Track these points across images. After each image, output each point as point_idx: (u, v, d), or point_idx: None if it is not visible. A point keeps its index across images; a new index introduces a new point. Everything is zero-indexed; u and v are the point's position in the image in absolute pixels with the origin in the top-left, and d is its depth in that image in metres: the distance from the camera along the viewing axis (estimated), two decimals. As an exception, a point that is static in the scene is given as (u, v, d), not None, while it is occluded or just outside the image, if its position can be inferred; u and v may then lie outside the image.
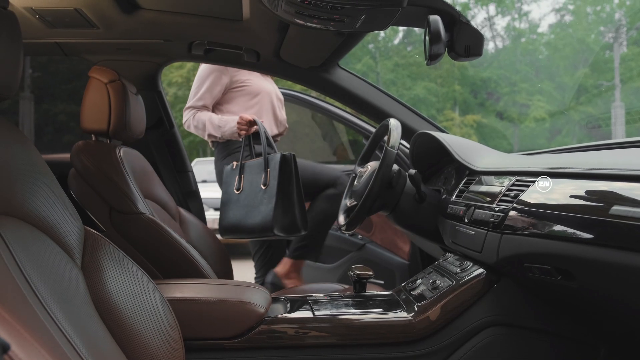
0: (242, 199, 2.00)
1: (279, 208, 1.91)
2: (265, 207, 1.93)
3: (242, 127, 2.10)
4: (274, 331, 1.20)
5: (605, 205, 0.88)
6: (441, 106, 13.42)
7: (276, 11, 1.28)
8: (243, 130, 2.10)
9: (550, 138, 12.14)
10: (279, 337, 1.21)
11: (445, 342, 1.22)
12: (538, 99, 12.92)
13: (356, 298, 1.36)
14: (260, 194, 1.95)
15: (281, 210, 1.92)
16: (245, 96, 2.30)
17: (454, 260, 1.45)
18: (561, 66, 13.67)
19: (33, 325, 0.67)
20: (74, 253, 0.88)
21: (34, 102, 6.56)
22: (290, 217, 1.95)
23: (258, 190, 1.96)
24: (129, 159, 1.60)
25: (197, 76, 2.32)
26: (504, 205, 1.19)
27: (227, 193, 2.04)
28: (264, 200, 1.93)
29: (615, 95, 9.31)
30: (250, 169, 2.01)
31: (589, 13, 14.40)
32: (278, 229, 1.93)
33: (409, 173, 1.62)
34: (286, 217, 1.94)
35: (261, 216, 1.93)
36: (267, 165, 1.96)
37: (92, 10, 1.55)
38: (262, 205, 1.94)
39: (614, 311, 1.03)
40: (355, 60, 12.58)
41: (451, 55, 1.34)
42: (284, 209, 1.93)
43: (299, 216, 1.98)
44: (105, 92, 1.54)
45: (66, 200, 0.92)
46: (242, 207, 1.99)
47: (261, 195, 1.95)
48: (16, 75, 0.85)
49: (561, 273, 1.00)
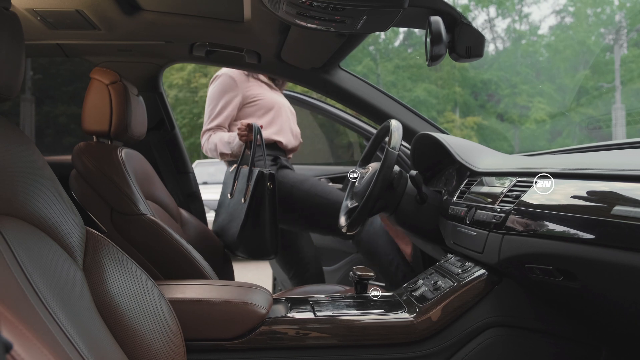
0: (230, 205, 1.95)
1: (248, 227, 1.83)
2: (236, 222, 1.86)
3: (242, 133, 2.01)
4: (275, 332, 1.20)
5: (607, 205, 0.87)
6: (442, 108, 13.42)
7: (277, 12, 1.29)
8: (243, 136, 2.01)
9: (551, 140, 12.14)
10: (281, 338, 1.20)
11: (447, 343, 1.22)
12: (539, 101, 12.92)
13: (357, 299, 1.36)
14: (240, 206, 1.88)
15: (250, 231, 1.84)
16: (260, 110, 2.20)
17: (455, 261, 1.45)
18: (562, 68, 13.67)
19: (35, 325, 0.67)
20: (76, 254, 0.89)
21: (35, 104, 6.57)
22: (259, 239, 1.86)
23: (240, 202, 1.89)
24: (130, 160, 1.60)
25: (209, 97, 2.24)
26: (505, 206, 1.19)
27: (223, 194, 2.02)
28: (242, 214, 1.85)
29: (615, 96, 9.31)
30: (243, 176, 1.93)
31: (589, 15, 14.41)
32: (242, 250, 1.86)
33: (410, 174, 1.62)
34: (254, 239, 1.85)
35: (232, 231, 1.87)
36: (250, 178, 1.87)
37: (93, 12, 1.55)
38: (238, 218, 1.86)
39: (616, 312, 1.02)
40: (356, 62, 12.59)
41: (452, 56, 1.34)
42: (253, 229, 1.84)
43: (269, 239, 1.88)
44: (106, 93, 1.54)
45: (68, 201, 0.92)
46: (228, 214, 1.94)
47: (240, 208, 1.87)
48: (18, 76, 0.85)
49: (563, 274, 1.00)
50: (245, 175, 1.89)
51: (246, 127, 1.99)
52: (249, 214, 1.83)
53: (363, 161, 1.87)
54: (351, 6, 1.18)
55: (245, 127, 1.99)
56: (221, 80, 2.20)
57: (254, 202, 1.84)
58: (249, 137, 1.99)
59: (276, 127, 2.19)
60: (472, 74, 13.50)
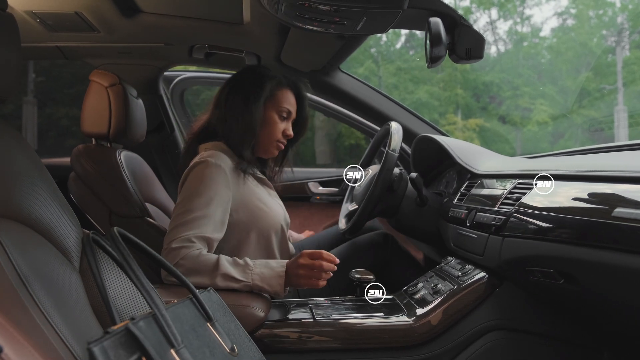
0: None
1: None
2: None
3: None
4: (274, 335, 1.19)
5: (607, 207, 0.87)
6: (443, 110, 13.40)
7: (276, 14, 1.28)
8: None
9: (553, 142, 12.11)
10: (279, 342, 1.19)
11: (447, 346, 1.21)
12: (541, 103, 12.89)
13: (357, 302, 1.35)
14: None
15: None
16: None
17: (455, 264, 1.44)
18: (563, 70, 13.64)
19: (28, 328, 0.66)
20: (72, 256, 0.88)
21: (37, 107, 6.58)
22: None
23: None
24: (129, 162, 1.60)
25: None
26: (506, 208, 1.19)
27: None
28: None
29: (618, 98, 9.29)
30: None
31: (591, 17, 14.38)
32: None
33: (411, 176, 1.61)
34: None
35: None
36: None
37: (92, 14, 1.55)
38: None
39: (616, 314, 1.01)
40: (358, 64, 12.59)
41: (452, 57, 1.33)
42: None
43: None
44: (105, 95, 1.54)
45: (64, 203, 0.91)
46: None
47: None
48: (15, 77, 0.84)
49: (563, 276, 0.99)
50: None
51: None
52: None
53: (363, 163, 1.86)
54: (350, 7, 1.17)
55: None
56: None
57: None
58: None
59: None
60: (474, 76, 13.48)
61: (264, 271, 1.24)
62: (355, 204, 1.72)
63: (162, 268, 0.88)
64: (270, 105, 1.46)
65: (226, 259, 1.24)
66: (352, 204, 1.77)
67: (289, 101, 1.49)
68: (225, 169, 1.34)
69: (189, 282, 0.87)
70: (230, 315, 0.95)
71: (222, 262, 1.22)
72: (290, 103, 1.49)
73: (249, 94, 1.43)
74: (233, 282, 1.22)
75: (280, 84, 1.48)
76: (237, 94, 1.45)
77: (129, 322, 0.62)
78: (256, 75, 1.47)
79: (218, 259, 1.22)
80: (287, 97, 1.49)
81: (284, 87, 1.49)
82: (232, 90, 1.46)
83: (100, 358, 0.56)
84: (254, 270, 1.24)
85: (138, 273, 0.74)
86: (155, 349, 0.62)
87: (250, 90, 1.43)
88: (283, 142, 1.50)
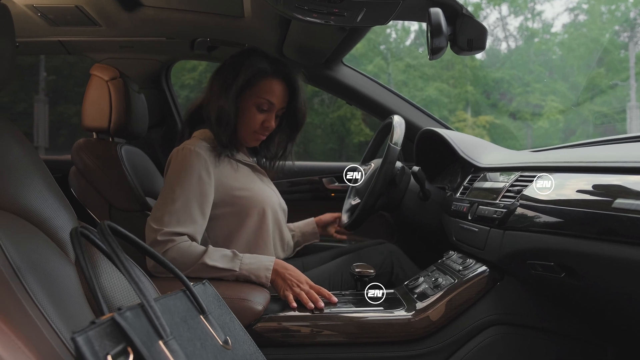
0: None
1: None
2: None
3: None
4: (271, 329, 1.19)
5: (608, 198, 0.85)
6: (453, 107, 13.31)
7: (276, 6, 1.27)
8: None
9: (565, 138, 11.98)
10: (277, 335, 1.19)
11: (447, 341, 1.20)
12: (552, 99, 12.76)
13: (356, 296, 1.34)
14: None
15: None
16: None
17: (457, 258, 1.42)
18: (575, 66, 13.49)
19: (20, 321, 0.66)
20: (68, 248, 0.88)
21: (49, 105, 6.63)
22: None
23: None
24: (130, 156, 1.60)
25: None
26: (507, 201, 1.17)
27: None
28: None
29: (630, 94, 9.17)
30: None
31: (603, 12, 14.20)
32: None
33: (413, 170, 1.59)
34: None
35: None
36: None
37: (93, 8, 1.55)
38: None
39: (619, 308, 0.99)
40: (367, 61, 12.54)
41: (453, 49, 1.30)
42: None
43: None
44: (106, 89, 1.54)
45: (61, 196, 0.91)
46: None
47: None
48: (10, 68, 0.84)
49: (564, 269, 0.97)
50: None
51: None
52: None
53: (366, 158, 1.85)
54: (349, -2, 1.16)
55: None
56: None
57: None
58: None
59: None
60: (484, 72, 13.38)
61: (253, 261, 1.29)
62: (358, 198, 1.71)
63: (155, 261, 0.88)
64: (248, 95, 1.42)
65: (214, 250, 1.28)
66: (355, 198, 1.75)
67: (273, 92, 1.42)
68: (204, 155, 1.35)
69: (182, 274, 0.86)
70: (226, 308, 0.94)
71: (210, 253, 1.26)
72: (273, 94, 1.42)
73: (226, 81, 1.40)
74: (219, 271, 1.26)
75: (264, 73, 1.41)
76: (218, 80, 1.42)
77: (115, 313, 0.62)
78: (236, 62, 1.42)
79: (206, 250, 1.26)
80: (270, 88, 1.42)
81: (269, 77, 1.42)
82: (215, 75, 1.44)
83: (85, 348, 0.56)
84: (242, 261, 1.27)
85: (127, 265, 0.73)
86: (142, 339, 0.62)
87: (228, 77, 1.40)
88: (262, 133, 1.46)
